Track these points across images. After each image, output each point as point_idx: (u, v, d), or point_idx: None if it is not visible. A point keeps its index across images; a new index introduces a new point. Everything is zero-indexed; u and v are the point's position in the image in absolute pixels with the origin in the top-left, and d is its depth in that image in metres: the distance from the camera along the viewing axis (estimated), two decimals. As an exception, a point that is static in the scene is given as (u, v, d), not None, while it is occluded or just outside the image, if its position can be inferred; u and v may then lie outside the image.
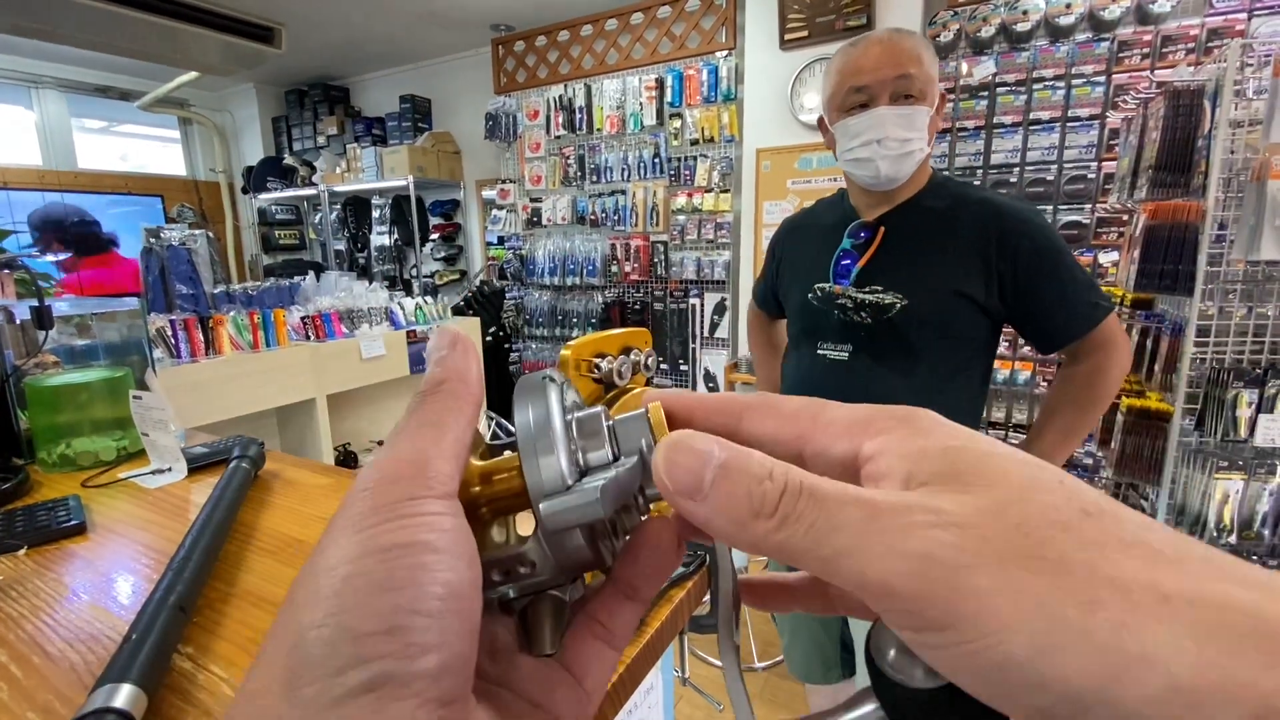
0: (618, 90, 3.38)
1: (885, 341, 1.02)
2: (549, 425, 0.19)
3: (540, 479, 0.19)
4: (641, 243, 3.41)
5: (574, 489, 0.18)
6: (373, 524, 0.16)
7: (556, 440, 0.19)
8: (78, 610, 0.60)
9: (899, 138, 0.98)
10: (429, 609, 0.15)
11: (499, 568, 0.20)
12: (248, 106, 4.93)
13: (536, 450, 0.19)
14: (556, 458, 0.19)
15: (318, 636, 0.14)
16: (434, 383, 0.19)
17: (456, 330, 0.21)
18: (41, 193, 4.25)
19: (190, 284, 2.25)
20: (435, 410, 0.19)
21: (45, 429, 0.96)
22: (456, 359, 0.20)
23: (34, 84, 4.21)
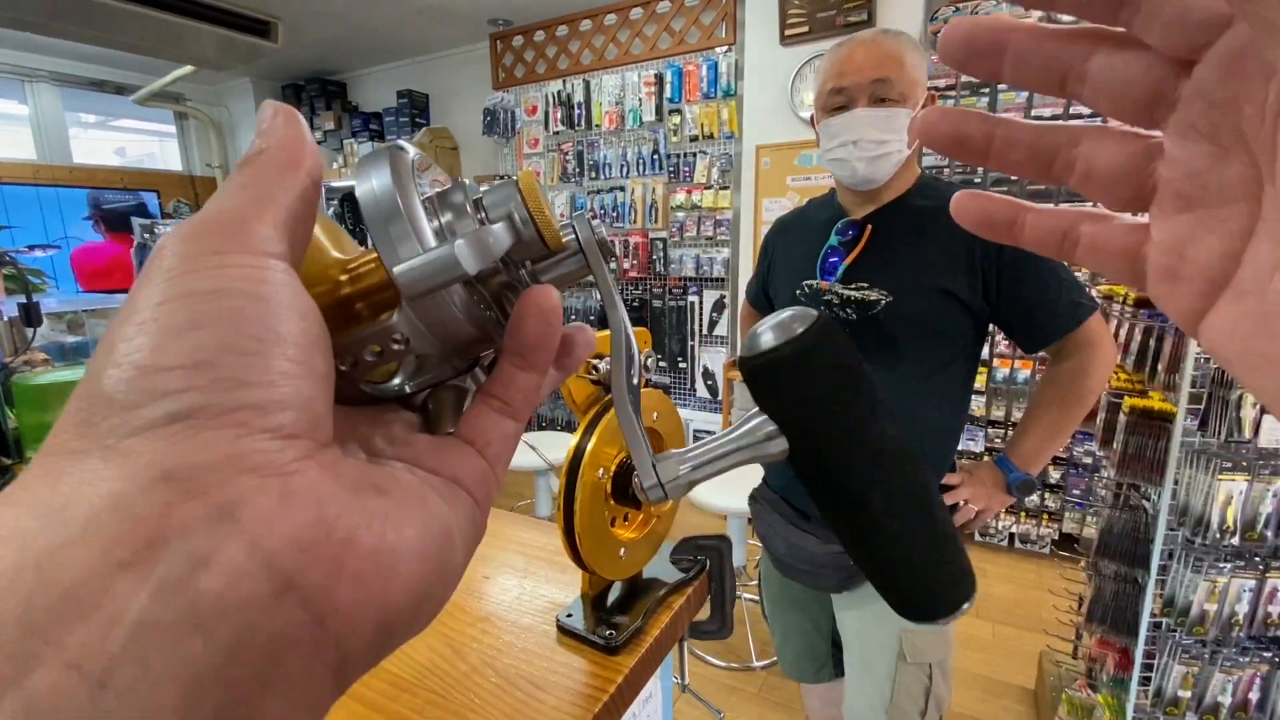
0: (617, 86, 3.36)
1: (870, 337, 1.03)
2: (398, 190, 0.18)
3: (394, 246, 0.17)
4: (640, 239, 3.40)
5: (431, 250, 0.17)
6: (178, 273, 0.14)
7: (411, 206, 0.17)
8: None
9: (875, 139, 0.99)
10: (246, 348, 0.13)
11: (371, 345, 0.18)
12: (244, 101, 4.89)
13: (387, 220, 0.17)
14: (406, 220, 0.17)
15: (113, 375, 0.13)
16: (253, 153, 0.17)
17: (282, 104, 0.18)
18: (36, 187, 4.22)
19: (185, 280, 2.23)
20: (252, 174, 0.16)
21: (34, 428, 0.95)
22: (279, 126, 0.17)
23: (28, 77, 4.17)
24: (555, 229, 0.20)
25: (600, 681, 0.47)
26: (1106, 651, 1.59)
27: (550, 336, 0.20)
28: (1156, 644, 1.40)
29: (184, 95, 4.77)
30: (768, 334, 0.23)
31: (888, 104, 0.99)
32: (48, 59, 4.16)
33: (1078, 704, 1.66)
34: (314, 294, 0.17)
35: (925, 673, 1.06)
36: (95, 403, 0.13)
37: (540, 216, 0.20)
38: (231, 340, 0.13)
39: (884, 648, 1.07)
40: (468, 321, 0.18)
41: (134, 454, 0.12)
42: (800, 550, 1.12)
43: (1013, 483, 1.05)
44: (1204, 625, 1.34)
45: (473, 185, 0.21)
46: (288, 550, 0.13)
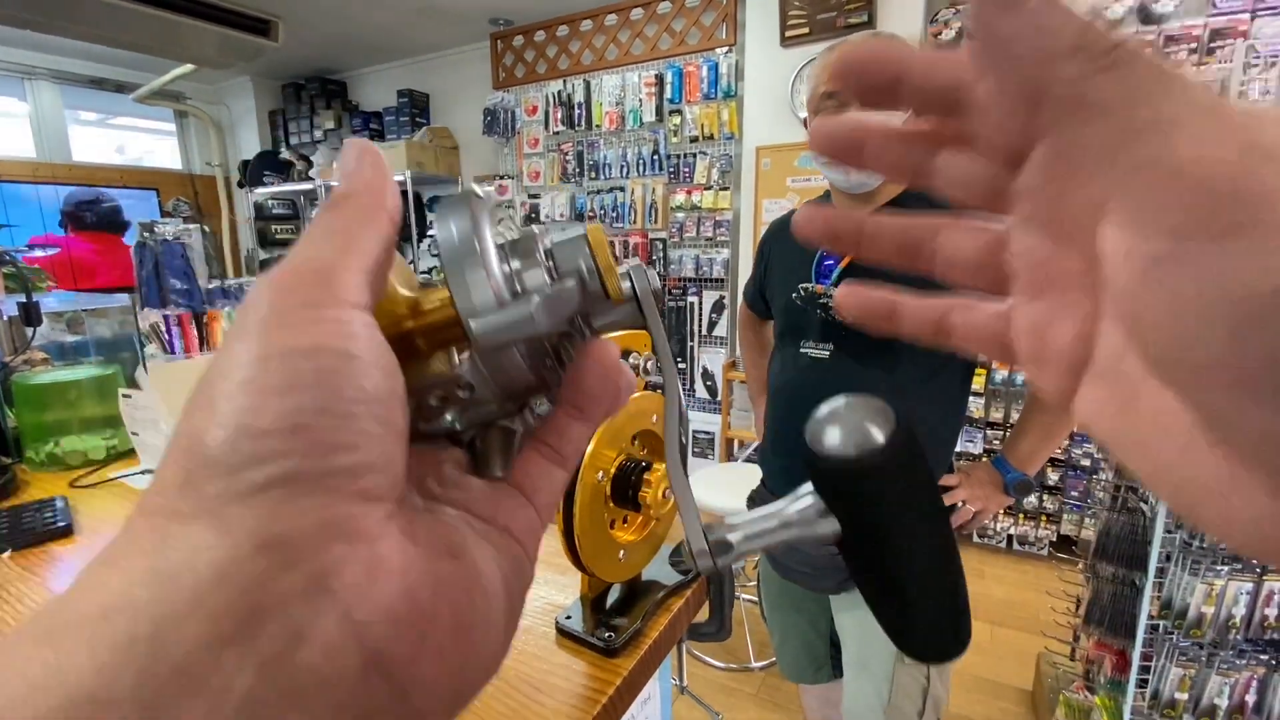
0: (617, 86, 3.36)
1: (865, 340, 1.03)
2: (476, 238, 0.18)
3: (470, 296, 0.17)
4: (640, 240, 3.40)
5: (507, 306, 0.17)
6: (271, 327, 0.14)
7: (486, 254, 0.18)
8: (62, 616, 0.58)
9: None
10: (340, 410, 0.14)
11: (437, 391, 0.19)
12: (244, 100, 4.89)
13: (463, 266, 0.18)
14: (486, 272, 0.18)
15: (215, 438, 0.13)
16: (339, 196, 0.17)
17: (365, 141, 0.18)
18: (35, 185, 4.21)
19: (185, 279, 2.23)
20: (340, 220, 0.17)
21: (33, 427, 0.95)
22: (366, 171, 0.18)
23: (27, 75, 4.17)
24: (619, 284, 0.20)
25: (599, 684, 0.48)
26: (1104, 653, 1.59)
27: (610, 391, 0.20)
28: (1154, 646, 1.40)
29: (184, 94, 4.77)
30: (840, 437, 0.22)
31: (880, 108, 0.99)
32: (48, 57, 4.16)
33: (1075, 706, 1.66)
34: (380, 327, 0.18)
35: (923, 673, 1.07)
36: (198, 462, 0.13)
37: (608, 272, 0.20)
38: (326, 402, 0.13)
39: (882, 648, 1.07)
40: (531, 372, 0.19)
41: (237, 521, 0.12)
42: (798, 552, 1.12)
43: (1010, 483, 1.05)
44: (1201, 628, 1.35)
45: (541, 231, 0.21)
46: (378, 623, 0.13)
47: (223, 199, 5.07)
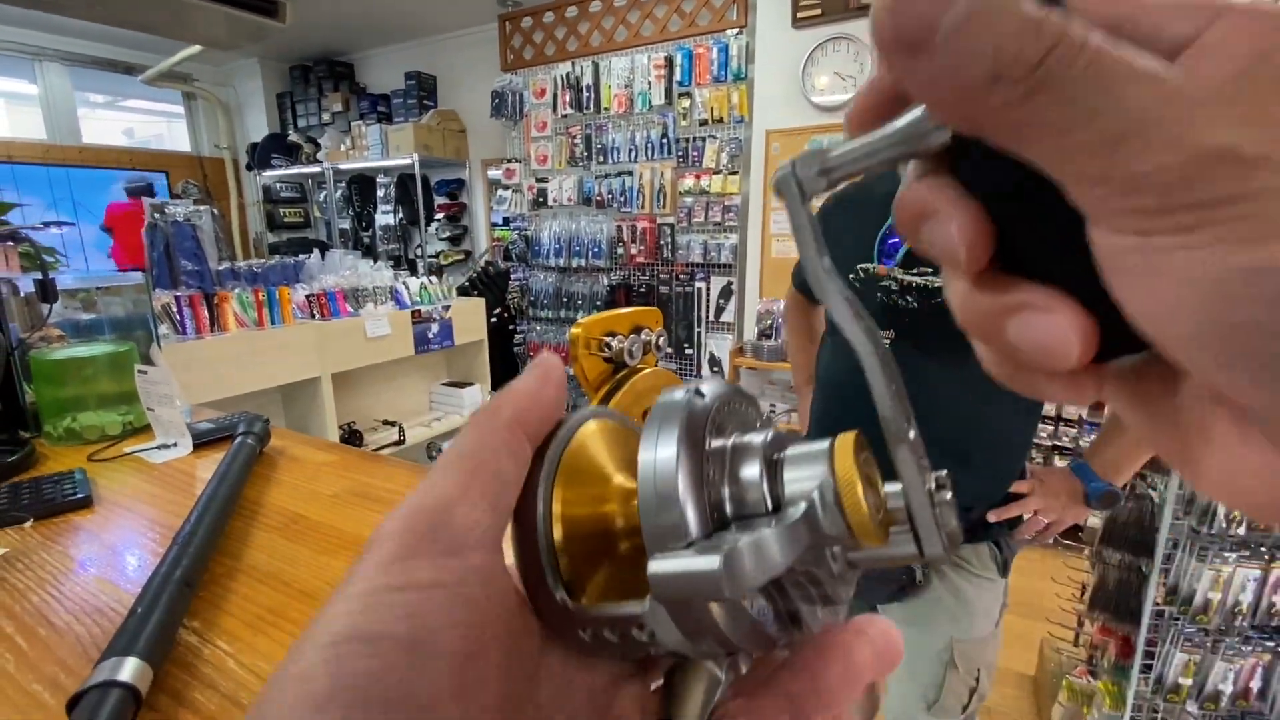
0: (626, 68, 3.33)
1: (932, 329, 0.93)
2: (679, 465, 0.15)
3: (656, 534, 0.15)
4: (648, 225, 3.38)
5: (696, 546, 0.14)
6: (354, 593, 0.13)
7: (685, 485, 0.15)
8: (84, 583, 0.59)
9: None
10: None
11: (610, 626, 0.16)
12: (252, 81, 4.88)
13: (656, 502, 0.15)
14: (677, 507, 0.15)
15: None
16: (490, 406, 0.17)
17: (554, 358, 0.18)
18: (46, 167, 4.23)
19: (195, 260, 2.24)
20: (476, 439, 0.16)
21: (51, 402, 0.96)
22: (528, 380, 0.17)
23: (37, 56, 4.17)
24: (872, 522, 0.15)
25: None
26: (1108, 639, 1.59)
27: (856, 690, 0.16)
28: (1159, 632, 1.41)
29: (192, 75, 4.76)
30: None
31: None
32: (57, 37, 4.15)
33: (1078, 691, 1.67)
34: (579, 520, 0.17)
35: (974, 676, 1.02)
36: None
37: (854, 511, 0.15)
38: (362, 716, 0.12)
39: (932, 658, 1.02)
40: (732, 634, 0.15)
41: None
42: None
43: (1092, 494, 0.93)
44: (1207, 614, 1.35)
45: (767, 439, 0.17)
46: None
47: (231, 182, 5.08)
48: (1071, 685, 1.68)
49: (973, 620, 1.01)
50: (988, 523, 0.99)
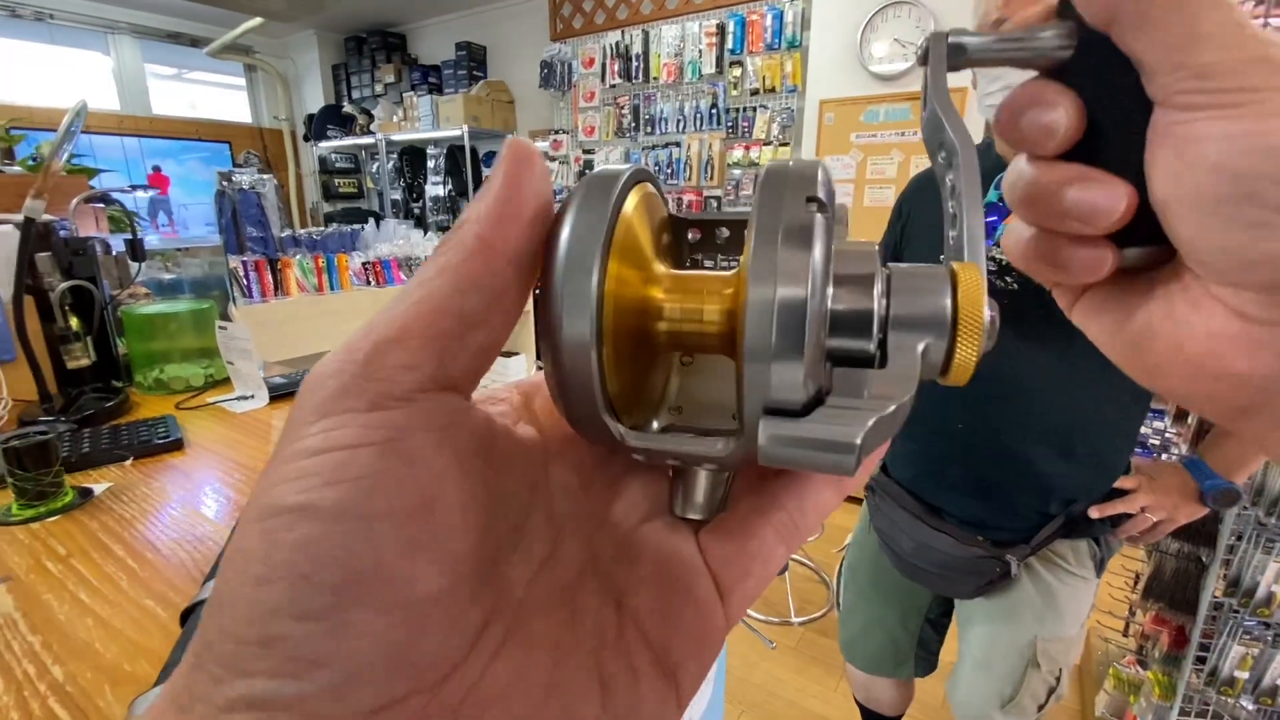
0: (676, 37, 3.27)
1: (1034, 313, 0.86)
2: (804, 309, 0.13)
3: (766, 381, 0.13)
4: (695, 197, 3.35)
5: (818, 419, 0.13)
6: (274, 461, 0.12)
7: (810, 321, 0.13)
8: (181, 515, 0.65)
9: None
10: (314, 609, 0.11)
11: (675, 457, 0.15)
12: (309, 53, 4.99)
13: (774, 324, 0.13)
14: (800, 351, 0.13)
15: (206, 639, 0.12)
16: (452, 232, 0.14)
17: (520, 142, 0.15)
18: (120, 137, 4.44)
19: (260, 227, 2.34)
20: (431, 270, 0.14)
21: (141, 354, 1.04)
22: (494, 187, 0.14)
23: (110, 29, 4.35)
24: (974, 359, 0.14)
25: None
26: (1161, 629, 1.55)
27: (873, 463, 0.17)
28: (1216, 623, 1.36)
29: (253, 48, 4.90)
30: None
31: None
32: (129, 11, 4.32)
33: (1125, 679, 1.64)
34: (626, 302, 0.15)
35: (1055, 676, 0.99)
36: (192, 671, 0.12)
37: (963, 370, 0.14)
38: (299, 599, 0.11)
39: (1013, 655, 0.99)
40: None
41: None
42: (931, 551, 0.99)
43: (1208, 491, 0.87)
44: (1269, 607, 1.30)
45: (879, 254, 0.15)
46: None
47: (289, 152, 5.24)
48: (1118, 674, 1.65)
49: (1061, 620, 0.96)
50: (1089, 518, 0.93)
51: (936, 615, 1.18)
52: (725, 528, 0.16)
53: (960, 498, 0.98)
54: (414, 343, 0.13)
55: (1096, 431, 0.91)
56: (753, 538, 0.16)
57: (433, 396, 0.13)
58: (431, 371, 0.13)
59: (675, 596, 0.15)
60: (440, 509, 0.13)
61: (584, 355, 0.14)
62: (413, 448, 0.13)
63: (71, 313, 0.99)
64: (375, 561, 0.11)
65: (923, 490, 1.02)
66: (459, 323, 0.13)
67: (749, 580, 0.16)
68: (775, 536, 0.16)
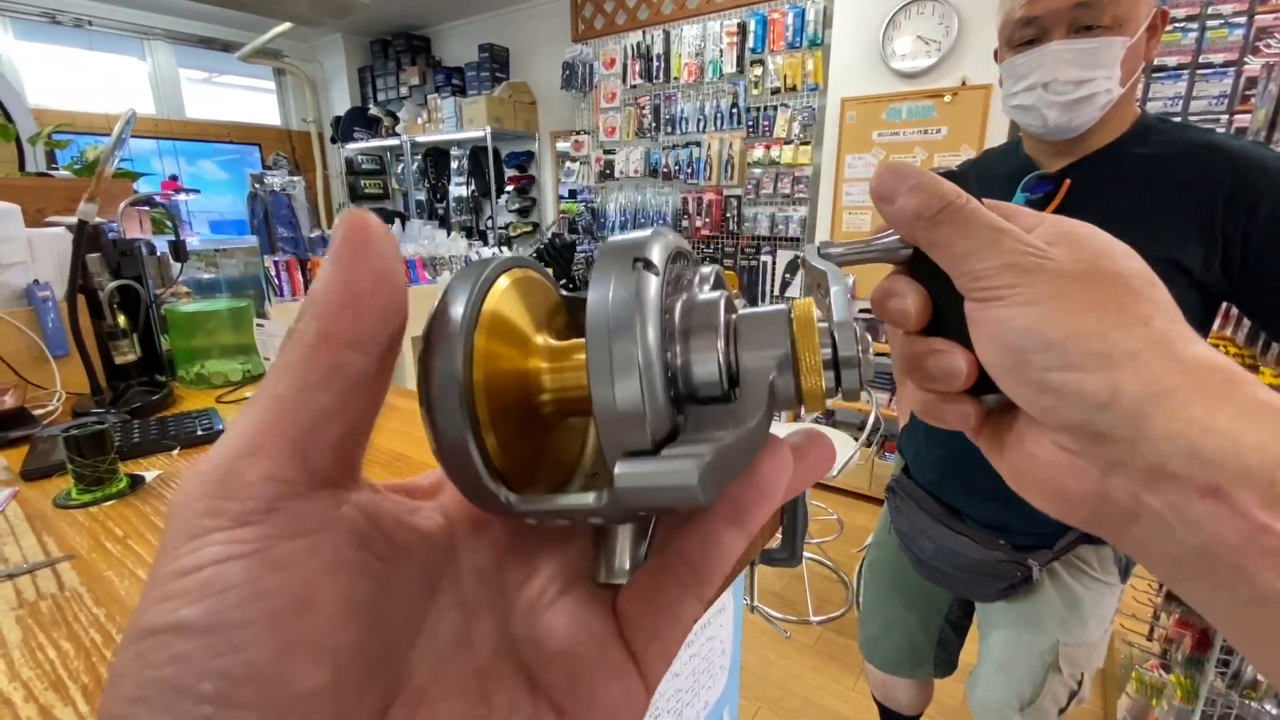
0: (697, 36, 3.28)
1: None
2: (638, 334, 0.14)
3: (616, 430, 0.14)
4: (714, 197, 3.36)
5: (664, 456, 0.14)
6: (149, 585, 0.12)
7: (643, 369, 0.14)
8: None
9: (1072, 79, 0.81)
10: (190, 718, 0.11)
11: (561, 516, 0.15)
12: (336, 57, 5.09)
13: (613, 378, 0.14)
14: (640, 398, 0.14)
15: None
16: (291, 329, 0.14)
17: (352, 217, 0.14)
18: (155, 140, 4.58)
19: (290, 228, 2.41)
20: (275, 374, 0.13)
21: (183, 351, 1.09)
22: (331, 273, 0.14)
23: (145, 35, 4.48)
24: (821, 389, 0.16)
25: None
26: (1184, 632, 1.54)
27: (776, 489, 0.17)
28: (1242, 627, 1.35)
29: (282, 52, 5.01)
30: None
31: (1095, 32, 0.80)
32: (163, 17, 4.45)
33: (1148, 683, 1.62)
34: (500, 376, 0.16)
35: (1077, 680, 0.99)
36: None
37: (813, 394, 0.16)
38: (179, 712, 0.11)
39: (1034, 658, 0.99)
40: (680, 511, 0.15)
41: None
42: (952, 554, 0.99)
43: None
44: (1298, 612, 1.28)
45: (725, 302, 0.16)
46: None
47: (316, 154, 5.35)
48: (1141, 677, 1.63)
49: (1084, 625, 0.96)
50: None
51: (957, 617, 1.18)
52: (636, 588, 0.16)
53: (982, 502, 0.98)
54: (268, 452, 0.13)
55: None
56: (659, 592, 0.16)
57: (300, 502, 0.13)
58: (294, 476, 0.13)
59: (585, 670, 0.15)
60: (316, 609, 0.13)
61: (457, 428, 0.15)
62: (281, 555, 0.13)
63: (119, 311, 1.04)
64: (247, 666, 0.12)
65: (945, 493, 1.02)
66: (312, 421, 0.13)
67: (659, 639, 0.16)
68: (679, 589, 0.16)
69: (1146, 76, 2.17)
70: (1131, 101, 0.88)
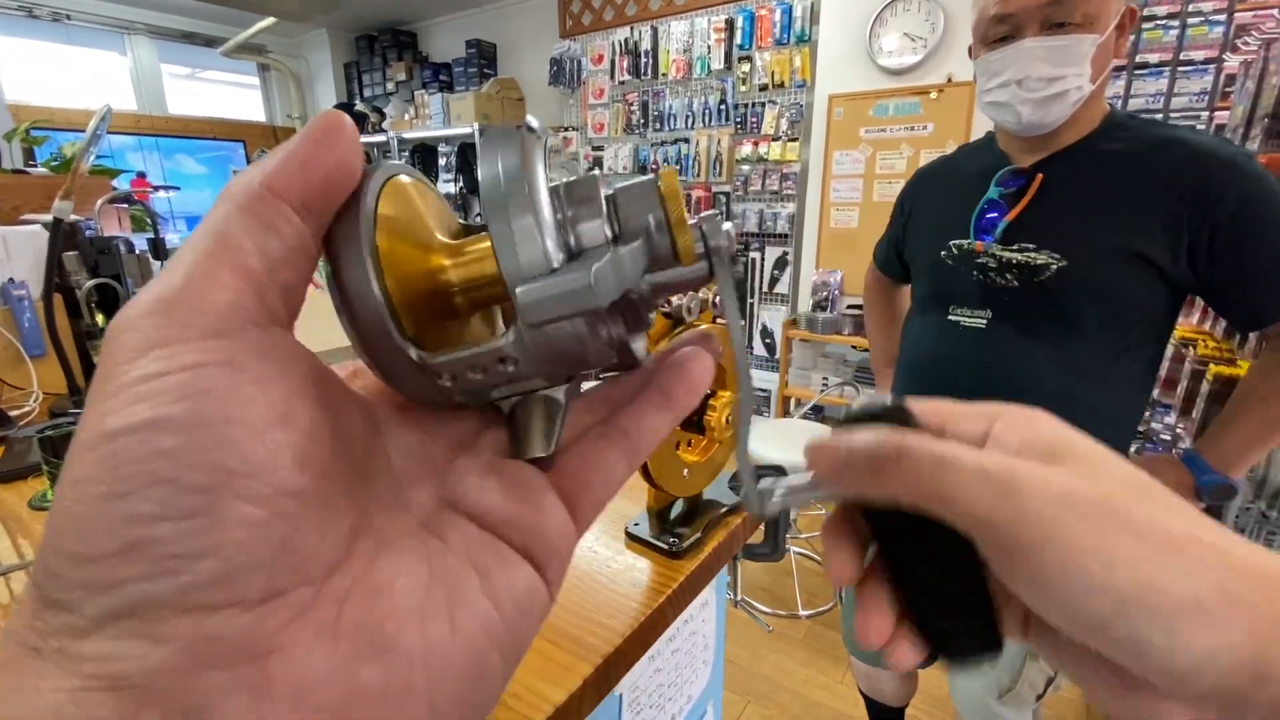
0: (685, 32, 3.28)
1: (1034, 309, 0.89)
2: (526, 183, 0.15)
3: (516, 257, 0.15)
4: (703, 194, 3.37)
5: (560, 272, 0.15)
6: (103, 395, 0.12)
7: (538, 205, 0.15)
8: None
9: (1044, 76, 0.83)
10: (184, 508, 0.11)
11: (474, 365, 0.16)
12: (321, 52, 5.04)
13: (510, 212, 0.15)
14: (536, 228, 0.15)
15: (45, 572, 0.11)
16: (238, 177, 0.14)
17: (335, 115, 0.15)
18: (137, 136, 4.52)
19: (274, 225, 2.39)
20: (223, 217, 0.13)
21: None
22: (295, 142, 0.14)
23: (126, 29, 4.42)
24: (692, 242, 0.18)
25: (664, 579, 0.53)
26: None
27: (703, 379, 0.19)
28: (1220, 616, 1.37)
29: (266, 47, 4.95)
30: None
31: (1066, 30, 0.82)
32: (144, 11, 4.39)
33: (1130, 672, 1.64)
34: (409, 277, 0.16)
35: (1053, 668, 1.01)
36: (36, 612, 0.11)
37: (679, 227, 0.18)
38: (166, 502, 0.11)
39: (1012, 647, 0.97)
40: (586, 350, 0.17)
41: (80, 659, 0.11)
42: None
43: (1204, 486, 0.87)
44: (1274, 601, 1.30)
45: (603, 176, 0.19)
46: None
47: (302, 150, 5.29)
48: (1123, 667, 1.66)
49: None
50: None
51: None
52: (578, 447, 0.18)
53: None
54: (225, 283, 0.13)
55: (1098, 425, 0.91)
56: (596, 454, 0.18)
57: (262, 330, 0.13)
58: (253, 305, 0.13)
59: (526, 506, 0.16)
60: (295, 422, 0.13)
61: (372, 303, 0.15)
62: (254, 370, 0.12)
63: (98, 310, 1.03)
64: (242, 459, 0.12)
65: None
66: (266, 262, 0.13)
67: (590, 491, 0.18)
68: (614, 452, 0.18)
69: (1129, 73, 2.19)
70: (1101, 98, 0.90)
